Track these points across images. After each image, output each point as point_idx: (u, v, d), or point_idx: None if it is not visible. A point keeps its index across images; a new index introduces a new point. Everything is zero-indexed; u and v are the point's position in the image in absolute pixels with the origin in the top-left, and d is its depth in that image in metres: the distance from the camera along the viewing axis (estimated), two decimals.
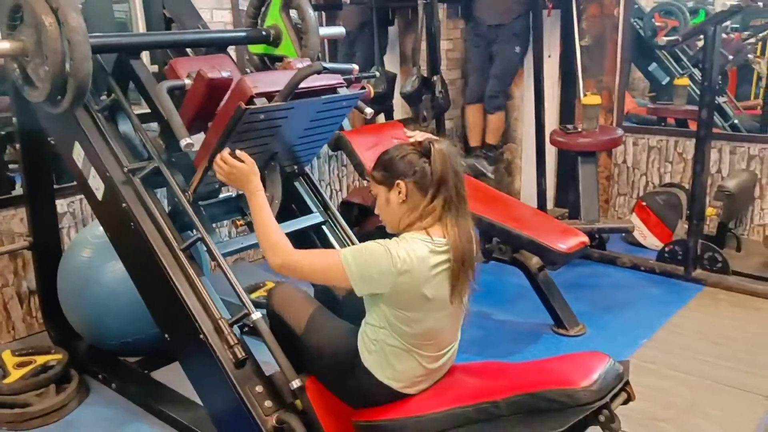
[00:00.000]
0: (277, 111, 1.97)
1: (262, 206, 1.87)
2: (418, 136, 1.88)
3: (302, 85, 1.98)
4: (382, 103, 4.71)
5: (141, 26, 3.60)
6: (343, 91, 2.18)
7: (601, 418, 1.59)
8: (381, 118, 4.64)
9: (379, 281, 1.68)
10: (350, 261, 1.70)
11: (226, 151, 1.89)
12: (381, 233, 2.44)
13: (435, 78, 4.55)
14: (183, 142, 1.93)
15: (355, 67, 2.20)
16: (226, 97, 2.05)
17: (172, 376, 2.62)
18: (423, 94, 4.58)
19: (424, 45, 4.71)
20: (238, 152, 1.90)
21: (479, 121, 4.77)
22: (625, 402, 1.66)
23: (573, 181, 3.90)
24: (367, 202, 4.40)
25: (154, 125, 2.30)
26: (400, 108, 4.96)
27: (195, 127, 2.12)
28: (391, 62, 5.12)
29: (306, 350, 2.00)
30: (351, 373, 1.87)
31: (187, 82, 2.09)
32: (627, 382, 1.67)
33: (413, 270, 1.67)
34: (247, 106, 1.88)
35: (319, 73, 1.96)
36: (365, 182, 3.69)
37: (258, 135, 2.04)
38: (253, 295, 3.23)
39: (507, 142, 5.14)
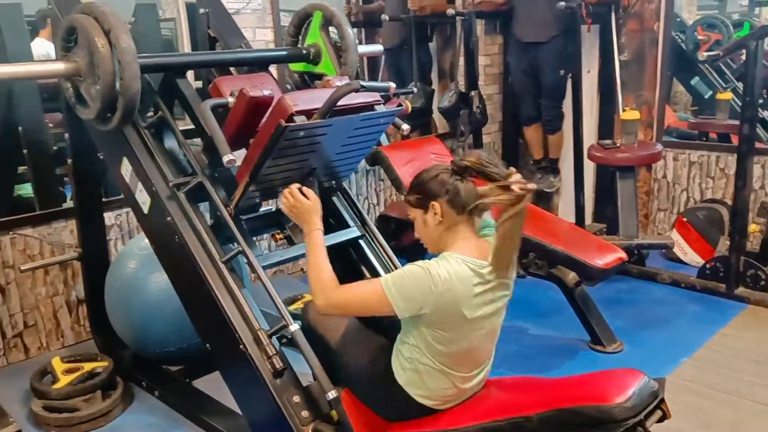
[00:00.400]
0: (316, 128, 2.02)
1: (317, 246, 1.89)
2: (514, 179, 1.68)
3: (340, 102, 2.03)
4: (420, 118, 4.76)
5: (186, 44, 3.73)
6: (380, 109, 2.23)
7: None
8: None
9: (421, 301, 1.69)
10: (391, 285, 1.71)
11: (294, 186, 1.95)
12: (418, 248, 2.47)
13: (473, 93, 4.59)
14: (225, 158, 1.99)
15: (392, 85, 2.25)
16: (267, 114, 2.12)
17: (213, 385, 2.68)
18: (460, 109, 4.62)
19: (461, 60, 4.77)
20: (304, 189, 1.95)
21: (539, 137, 4.77)
22: (660, 420, 1.65)
23: (611, 197, 3.87)
24: (404, 216, 4.43)
25: (197, 140, 2.39)
26: (438, 123, 5.01)
27: (237, 143, 2.18)
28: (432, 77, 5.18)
29: (341, 364, 2.04)
30: (385, 387, 1.90)
31: (230, 100, 2.16)
32: (662, 400, 1.66)
33: (454, 289, 1.68)
34: (287, 124, 1.94)
35: (357, 91, 2.01)
36: (402, 197, 3.72)
37: (298, 151, 2.10)
38: (291, 308, 3.29)
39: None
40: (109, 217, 3.17)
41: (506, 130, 5.29)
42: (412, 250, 2.60)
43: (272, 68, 2.74)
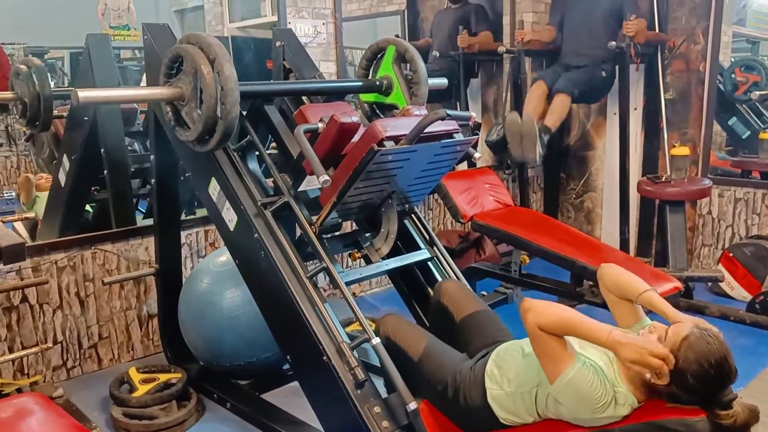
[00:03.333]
0: (403, 153, 2.16)
1: (593, 322, 1.76)
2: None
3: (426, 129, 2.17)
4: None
5: None
6: (459, 137, 2.37)
7: None
8: (463, 165, 4.82)
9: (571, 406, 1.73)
10: (569, 374, 1.70)
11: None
12: (466, 274, 2.58)
13: None
14: (322, 179, 2.12)
15: (473, 114, 2.39)
16: (354, 139, 2.27)
17: (281, 399, 2.79)
18: (507, 143, 4.75)
19: (507, 96, 4.92)
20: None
21: (542, 100, 4.58)
22: None
23: (660, 231, 3.95)
24: (451, 245, 4.55)
25: None
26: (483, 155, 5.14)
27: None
28: (474, 112, 5.33)
29: (422, 375, 2.14)
30: (465, 399, 2.00)
31: (320, 125, 2.31)
32: None
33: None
34: (379, 148, 2.08)
35: (443, 119, 2.15)
36: (459, 224, 3.84)
37: (382, 174, 2.23)
38: (347, 329, 3.38)
39: (588, 191, 5.24)
40: None
41: (548, 165, 5.42)
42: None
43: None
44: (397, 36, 5.62)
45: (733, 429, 1.63)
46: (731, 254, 4.11)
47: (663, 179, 3.88)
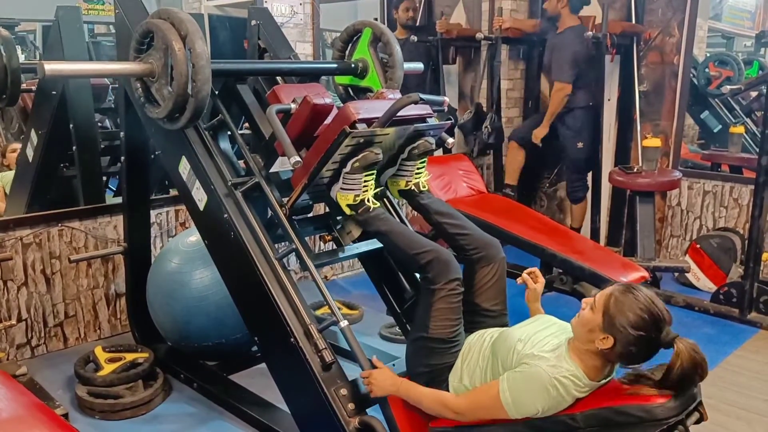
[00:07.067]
0: (375, 136, 2.15)
1: (412, 386, 1.99)
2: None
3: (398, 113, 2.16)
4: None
5: None
6: (432, 121, 2.36)
7: None
8: (438, 151, 4.82)
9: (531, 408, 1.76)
10: (505, 387, 1.77)
11: (364, 373, 2.06)
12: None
13: (490, 113, 4.74)
14: (292, 160, 2.10)
15: (446, 99, 2.39)
16: (326, 121, 2.25)
17: (248, 380, 2.79)
18: (475, 128, 4.78)
19: (483, 83, 4.94)
20: (374, 359, 2.08)
21: (519, 160, 4.83)
22: (698, 421, 1.75)
23: (629, 221, 4.00)
24: (425, 230, 4.56)
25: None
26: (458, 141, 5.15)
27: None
28: (450, 98, 5.33)
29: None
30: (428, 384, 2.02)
31: (293, 106, 2.28)
32: (700, 402, 1.77)
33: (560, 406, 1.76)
34: (351, 130, 2.07)
35: (416, 103, 2.14)
36: None
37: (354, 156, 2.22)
38: (318, 312, 3.38)
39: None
40: None
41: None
42: None
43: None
44: (375, 19, 5.59)
45: (683, 374, 1.67)
46: (698, 246, 4.18)
47: (634, 170, 3.92)
